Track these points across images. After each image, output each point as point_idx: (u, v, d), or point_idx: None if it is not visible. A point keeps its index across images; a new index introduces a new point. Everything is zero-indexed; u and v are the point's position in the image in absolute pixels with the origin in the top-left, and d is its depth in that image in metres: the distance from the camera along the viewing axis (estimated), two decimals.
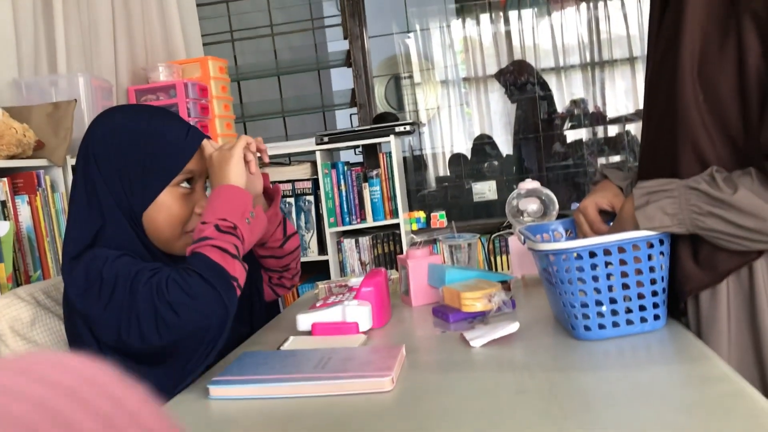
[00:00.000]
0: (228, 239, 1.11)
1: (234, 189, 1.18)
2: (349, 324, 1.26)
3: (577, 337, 1.06)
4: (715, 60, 0.98)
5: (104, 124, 1.23)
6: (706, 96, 0.99)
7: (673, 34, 1.05)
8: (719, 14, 0.99)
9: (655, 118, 1.11)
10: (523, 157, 4.04)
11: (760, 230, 0.93)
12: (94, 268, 1.11)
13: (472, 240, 1.57)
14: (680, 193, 0.98)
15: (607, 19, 4.41)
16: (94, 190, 1.19)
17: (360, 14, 3.25)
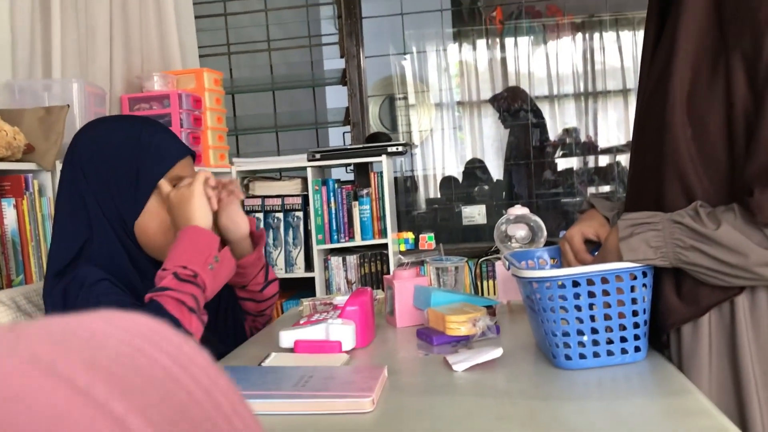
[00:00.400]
0: (187, 289, 1.09)
1: (198, 231, 1.15)
2: (332, 343, 1.25)
3: (558, 365, 1.06)
4: (704, 96, 0.99)
5: (90, 136, 1.23)
6: (695, 131, 1.00)
7: (664, 67, 1.06)
8: (709, 51, 1.00)
9: (644, 150, 1.12)
10: (514, 183, 4.06)
11: (741, 266, 0.93)
12: (73, 293, 1.11)
13: (460, 263, 1.57)
14: (664, 227, 0.98)
15: (602, 50, 4.46)
16: (82, 201, 1.18)
17: (357, 34, 3.27)
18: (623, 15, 4.40)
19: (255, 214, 2.93)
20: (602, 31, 4.44)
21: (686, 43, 1.02)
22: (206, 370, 0.21)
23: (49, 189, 1.78)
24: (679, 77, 1.01)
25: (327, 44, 3.55)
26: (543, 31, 4.47)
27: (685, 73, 1.01)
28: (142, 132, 1.22)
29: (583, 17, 4.39)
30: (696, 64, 1.01)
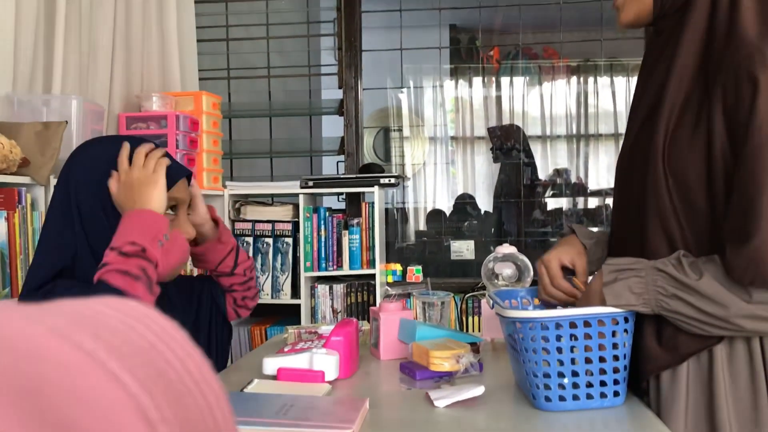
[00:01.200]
0: (133, 262, 1.09)
1: (148, 212, 1.15)
2: (315, 372, 1.25)
3: (537, 407, 1.07)
4: (686, 147, 1.02)
5: (85, 155, 1.24)
6: (675, 181, 1.02)
7: (650, 115, 1.09)
8: (694, 102, 1.03)
9: (627, 195, 1.14)
10: (503, 220, 4.09)
11: (721, 317, 0.95)
12: None
13: (446, 299, 1.59)
14: (647, 274, 1.00)
15: (596, 94, 4.54)
16: (70, 222, 1.19)
17: (357, 66, 3.31)
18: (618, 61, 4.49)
19: (245, 239, 2.93)
20: (597, 75, 4.53)
21: (674, 94, 1.04)
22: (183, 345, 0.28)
23: (41, 203, 1.78)
24: (663, 127, 1.04)
25: (326, 74, 3.59)
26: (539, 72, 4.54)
27: (669, 123, 1.04)
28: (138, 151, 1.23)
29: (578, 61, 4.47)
30: (680, 114, 1.03)
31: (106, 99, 2.47)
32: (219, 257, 1.44)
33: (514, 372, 1.21)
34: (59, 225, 1.19)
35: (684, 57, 1.04)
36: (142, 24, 2.69)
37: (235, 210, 2.95)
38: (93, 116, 2.14)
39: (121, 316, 0.27)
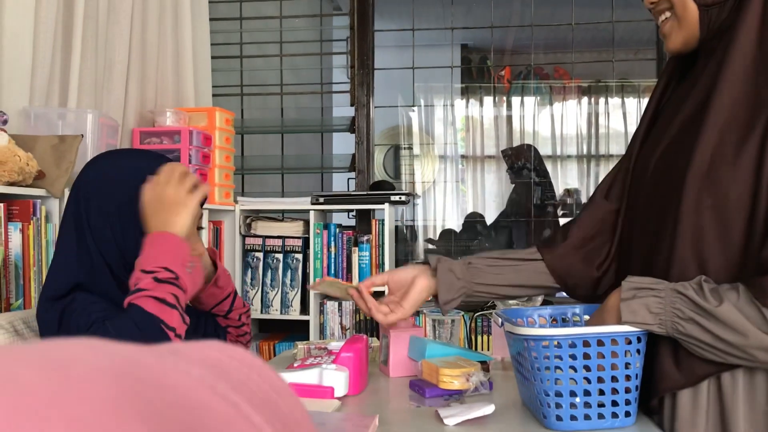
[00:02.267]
0: (167, 289, 1.08)
1: (175, 238, 1.14)
2: (324, 388, 1.25)
3: (548, 426, 1.06)
4: (728, 166, 0.99)
5: (97, 169, 1.23)
6: (714, 200, 1.01)
7: (686, 134, 1.07)
8: (740, 121, 1.00)
9: (654, 212, 1.12)
10: (513, 239, 4.08)
11: (738, 345, 0.94)
12: (68, 317, 1.12)
13: (456, 317, 1.58)
14: (666, 295, 1.00)
15: (607, 114, 4.55)
16: (83, 235, 1.19)
17: (369, 84, 3.34)
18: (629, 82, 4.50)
19: (255, 254, 2.94)
20: (608, 96, 4.54)
21: (719, 111, 1.02)
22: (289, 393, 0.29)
23: (56, 216, 1.80)
24: (704, 145, 1.02)
25: (338, 92, 3.62)
26: (550, 92, 4.56)
27: (711, 141, 1.01)
28: (151, 169, 1.22)
29: (589, 82, 4.48)
30: (725, 133, 1.01)
31: (120, 114, 2.49)
32: (214, 301, 1.41)
33: (521, 391, 1.20)
34: (73, 239, 1.20)
35: (734, 76, 1.02)
36: (157, 40, 2.73)
37: (246, 225, 2.96)
38: (108, 130, 2.16)
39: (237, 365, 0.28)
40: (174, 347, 0.28)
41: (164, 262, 1.10)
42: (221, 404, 0.24)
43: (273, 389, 0.28)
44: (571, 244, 1.28)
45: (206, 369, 0.26)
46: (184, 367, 0.25)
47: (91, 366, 0.23)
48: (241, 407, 0.25)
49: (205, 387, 0.25)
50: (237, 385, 0.26)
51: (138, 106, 2.62)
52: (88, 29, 2.29)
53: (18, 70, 1.98)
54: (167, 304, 1.07)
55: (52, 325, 1.13)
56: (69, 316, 1.13)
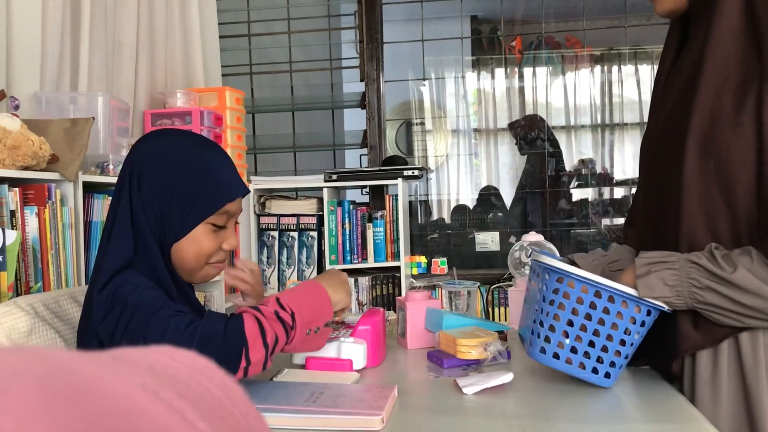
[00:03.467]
0: (276, 327, 1.07)
1: (327, 299, 1.17)
2: (343, 361, 1.26)
3: (530, 354, 1.11)
4: (728, 127, 0.99)
5: (155, 148, 1.21)
6: (717, 162, 1.00)
7: (683, 96, 1.06)
8: (737, 79, 1.00)
9: (660, 179, 1.12)
10: (528, 211, 4.06)
11: (756, 308, 0.94)
12: (123, 292, 1.11)
13: (472, 288, 1.58)
14: (681, 266, 0.99)
15: (620, 83, 4.49)
16: (131, 213, 1.18)
17: (378, 59, 3.31)
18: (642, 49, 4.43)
19: (270, 233, 2.95)
20: (621, 63, 4.47)
21: (711, 73, 1.02)
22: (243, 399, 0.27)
23: (70, 199, 1.81)
24: (701, 106, 1.02)
25: (347, 68, 3.60)
26: (562, 62, 4.50)
27: (707, 102, 1.01)
28: (210, 157, 1.21)
29: (602, 50, 4.42)
30: (720, 93, 1.01)
31: (131, 96, 2.49)
32: None
33: (521, 320, 1.23)
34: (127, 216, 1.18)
35: (722, 38, 1.02)
36: (165, 21, 2.71)
37: (260, 204, 2.97)
38: (119, 113, 2.16)
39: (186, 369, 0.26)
40: (117, 353, 0.27)
41: (297, 308, 1.11)
42: (163, 411, 0.23)
43: (224, 394, 0.26)
44: None
45: (150, 374, 0.25)
46: (124, 373, 0.24)
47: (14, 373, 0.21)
48: (185, 414, 0.24)
49: (147, 393, 0.24)
50: (184, 390, 0.25)
51: (148, 87, 2.62)
52: (96, 12, 2.28)
53: (28, 56, 1.98)
54: (263, 338, 1.06)
55: (104, 302, 1.13)
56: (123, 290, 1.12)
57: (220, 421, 0.25)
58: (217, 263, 1.23)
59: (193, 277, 1.23)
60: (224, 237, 1.22)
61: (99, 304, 1.13)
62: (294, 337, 1.10)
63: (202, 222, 1.18)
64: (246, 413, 0.27)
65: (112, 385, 0.23)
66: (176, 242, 1.18)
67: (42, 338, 1.29)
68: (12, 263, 1.52)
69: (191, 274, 1.22)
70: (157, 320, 1.06)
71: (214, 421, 0.24)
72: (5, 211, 1.57)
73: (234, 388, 0.27)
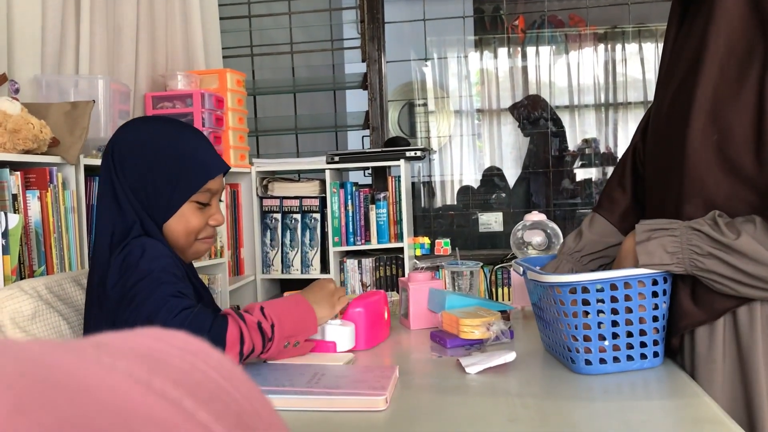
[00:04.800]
0: (255, 337, 1.10)
1: (312, 315, 1.20)
2: (326, 343, 1.26)
3: (577, 371, 1.06)
4: (731, 99, 0.98)
5: (133, 135, 1.26)
6: (720, 136, 0.99)
7: (689, 71, 1.06)
8: (740, 55, 0.99)
9: (664, 155, 1.11)
10: (532, 191, 4.05)
11: (759, 276, 0.93)
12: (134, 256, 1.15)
13: (475, 268, 1.58)
14: (682, 233, 0.98)
15: (624, 61, 4.45)
16: (117, 200, 1.22)
17: (379, 39, 3.29)
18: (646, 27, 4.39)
19: (273, 215, 2.95)
20: (624, 42, 4.43)
21: (715, 47, 1.01)
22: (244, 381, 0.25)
23: (72, 182, 1.80)
24: (705, 81, 1.01)
25: (349, 48, 3.57)
26: (565, 40, 4.46)
27: (711, 77, 1.01)
28: (186, 138, 1.26)
29: (605, 28, 4.38)
30: (724, 68, 1.00)
31: (132, 79, 2.48)
32: None
33: (544, 339, 1.20)
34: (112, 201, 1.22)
35: (726, 13, 1.01)
36: (164, 3, 2.70)
37: (263, 187, 2.96)
38: (119, 96, 2.15)
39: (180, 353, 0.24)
40: (99, 339, 0.24)
41: (278, 321, 1.13)
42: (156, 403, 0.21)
43: (224, 377, 0.24)
44: None
45: (137, 361, 0.22)
46: (107, 362, 0.22)
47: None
48: (182, 404, 0.21)
49: (135, 384, 0.21)
50: (178, 377, 0.22)
51: (149, 70, 2.61)
52: None
53: (28, 39, 1.97)
54: (241, 346, 1.08)
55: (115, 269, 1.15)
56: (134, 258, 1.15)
57: (223, 408, 0.22)
58: (206, 239, 1.30)
59: (186, 254, 1.29)
60: (210, 213, 1.29)
61: (112, 269, 1.16)
62: (270, 348, 1.13)
63: (186, 201, 1.24)
64: (249, 396, 0.24)
65: (95, 378, 0.21)
66: (165, 222, 1.24)
67: (45, 321, 1.30)
68: (15, 247, 1.52)
69: (183, 251, 1.28)
70: (159, 294, 1.10)
71: (217, 409, 0.22)
72: (7, 195, 1.57)
73: (233, 370, 0.25)
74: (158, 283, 1.11)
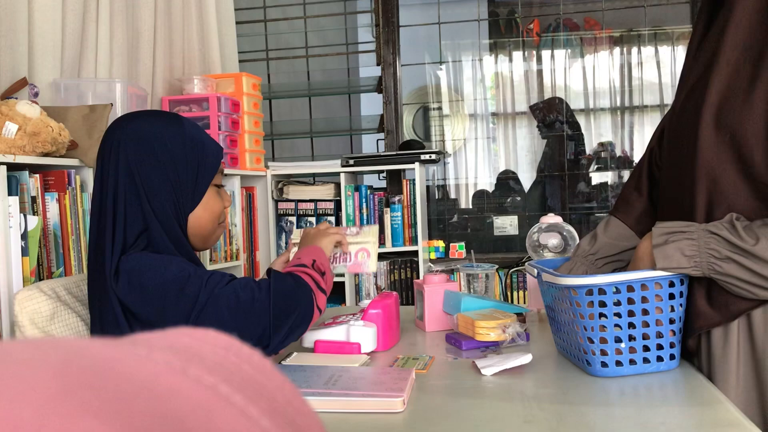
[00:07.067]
0: (316, 276, 1.25)
1: (324, 253, 1.36)
2: (351, 344, 1.26)
3: (593, 373, 1.05)
4: (742, 99, 0.98)
5: (136, 133, 1.22)
6: (731, 135, 0.99)
7: (703, 71, 1.05)
8: (752, 54, 0.99)
9: (677, 156, 1.11)
10: (547, 194, 4.04)
11: None
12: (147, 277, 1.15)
13: (490, 271, 1.57)
14: (699, 236, 0.98)
15: (640, 65, 4.42)
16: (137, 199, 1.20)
17: (394, 42, 3.29)
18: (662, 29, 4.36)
19: (288, 218, 2.96)
20: (640, 45, 4.41)
21: (732, 47, 1.01)
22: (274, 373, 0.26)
23: (90, 185, 1.82)
24: (719, 80, 1.01)
25: (363, 52, 3.58)
26: (580, 44, 4.45)
27: (725, 75, 1.00)
28: (188, 126, 1.27)
29: (621, 31, 4.36)
30: (739, 67, 1.00)
31: (149, 83, 2.50)
32: None
33: (558, 341, 1.20)
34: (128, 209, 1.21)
35: (745, 13, 1.00)
36: (182, 8, 2.72)
37: (278, 190, 2.97)
38: (137, 100, 2.17)
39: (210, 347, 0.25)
40: (133, 337, 0.25)
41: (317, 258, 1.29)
42: (194, 387, 0.22)
43: (255, 369, 0.25)
44: None
45: (172, 353, 0.23)
46: (144, 353, 0.23)
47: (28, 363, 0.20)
48: (218, 389, 0.22)
49: (173, 371, 0.22)
50: (213, 366, 0.23)
51: (166, 74, 2.63)
52: (115, 0, 2.29)
53: (48, 44, 1.99)
54: (319, 287, 1.23)
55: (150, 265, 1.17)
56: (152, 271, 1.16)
57: (257, 395, 0.23)
58: (223, 223, 1.34)
59: (209, 242, 1.31)
60: (223, 196, 1.34)
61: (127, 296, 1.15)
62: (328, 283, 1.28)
63: (210, 185, 1.27)
64: (281, 386, 0.25)
65: (135, 366, 0.22)
66: (191, 213, 1.26)
67: (64, 322, 1.31)
68: (34, 248, 1.54)
69: (207, 239, 1.30)
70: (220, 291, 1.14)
71: (251, 395, 0.23)
72: (26, 198, 1.59)
73: (264, 363, 0.26)
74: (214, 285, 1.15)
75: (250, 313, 1.14)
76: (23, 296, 1.26)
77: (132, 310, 1.16)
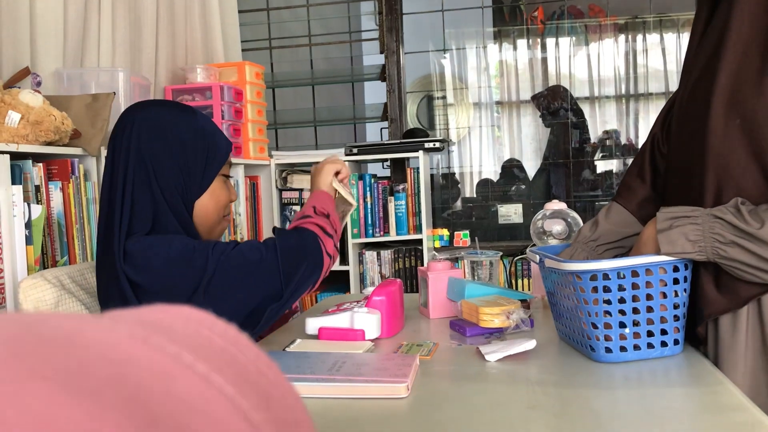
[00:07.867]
0: (323, 222, 1.33)
1: (329, 196, 1.43)
2: (355, 331, 1.26)
3: (597, 359, 1.05)
4: (754, 84, 0.97)
5: (150, 119, 1.25)
6: (743, 120, 0.98)
7: (712, 55, 1.04)
8: (762, 36, 0.98)
9: (686, 143, 1.10)
10: (552, 183, 4.02)
11: None
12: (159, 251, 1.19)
13: (494, 258, 1.57)
14: (704, 221, 0.97)
15: (645, 52, 4.39)
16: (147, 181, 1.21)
17: (398, 30, 3.28)
18: (667, 16, 4.33)
19: (292, 207, 2.96)
20: (645, 32, 4.38)
21: (738, 34, 1.00)
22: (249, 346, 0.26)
23: (93, 174, 1.82)
24: (727, 66, 1.00)
25: (367, 40, 3.57)
26: (585, 31, 4.42)
27: (734, 62, 0.99)
28: (199, 116, 1.30)
29: (626, 18, 4.33)
30: (747, 50, 0.99)
31: (152, 72, 2.50)
32: None
33: (558, 328, 1.20)
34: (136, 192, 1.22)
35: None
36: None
37: (282, 179, 2.97)
38: (140, 89, 2.17)
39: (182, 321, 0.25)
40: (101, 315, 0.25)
41: (320, 204, 1.37)
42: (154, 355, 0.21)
43: (228, 342, 0.25)
44: None
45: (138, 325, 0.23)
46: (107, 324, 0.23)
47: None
48: (181, 357, 0.22)
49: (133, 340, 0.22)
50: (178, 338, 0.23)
51: (169, 63, 2.63)
52: None
53: (51, 33, 1.99)
54: (325, 232, 1.30)
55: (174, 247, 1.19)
56: None
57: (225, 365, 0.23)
58: (227, 216, 1.36)
59: (212, 233, 1.33)
60: (230, 189, 1.36)
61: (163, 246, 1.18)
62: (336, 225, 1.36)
63: (218, 174, 1.30)
64: (255, 360, 0.25)
65: (94, 336, 0.21)
66: (198, 199, 1.28)
67: (68, 310, 1.31)
68: (38, 237, 1.54)
69: (211, 229, 1.32)
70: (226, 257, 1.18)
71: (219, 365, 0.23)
72: (30, 187, 1.59)
73: (238, 337, 0.26)
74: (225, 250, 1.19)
75: (259, 272, 1.18)
76: (27, 285, 1.26)
77: (142, 287, 1.17)
